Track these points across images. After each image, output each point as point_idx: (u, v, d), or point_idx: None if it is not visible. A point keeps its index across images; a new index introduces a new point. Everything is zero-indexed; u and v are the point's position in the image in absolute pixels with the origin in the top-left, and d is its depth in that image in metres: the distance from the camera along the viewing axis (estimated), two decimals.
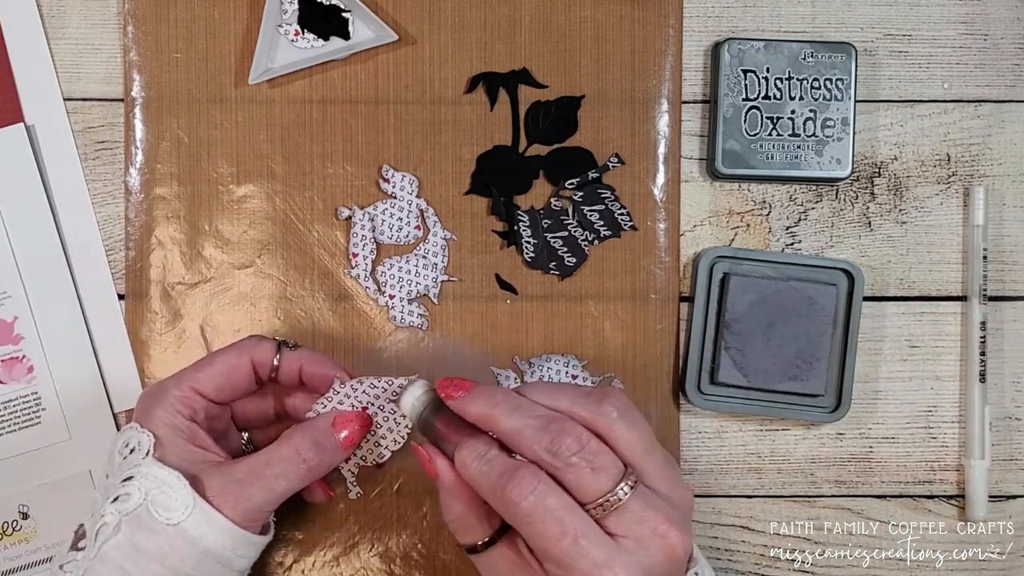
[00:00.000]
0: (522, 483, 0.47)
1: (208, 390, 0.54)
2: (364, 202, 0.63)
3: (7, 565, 0.62)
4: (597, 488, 0.47)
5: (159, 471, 0.51)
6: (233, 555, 0.52)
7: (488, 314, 0.63)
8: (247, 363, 0.55)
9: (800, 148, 0.63)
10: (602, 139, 0.64)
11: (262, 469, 0.52)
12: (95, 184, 0.63)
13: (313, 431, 0.54)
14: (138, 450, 0.52)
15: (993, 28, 0.65)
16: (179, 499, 0.50)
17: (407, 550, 0.63)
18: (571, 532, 0.47)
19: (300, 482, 0.53)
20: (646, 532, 0.48)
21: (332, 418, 0.55)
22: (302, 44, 0.63)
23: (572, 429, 0.48)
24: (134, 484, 0.51)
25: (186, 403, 0.53)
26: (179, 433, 0.53)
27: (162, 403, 0.53)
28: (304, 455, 0.53)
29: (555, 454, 0.47)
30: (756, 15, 0.65)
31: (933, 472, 0.65)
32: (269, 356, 0.56)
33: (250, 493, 0.52)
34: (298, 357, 0.56)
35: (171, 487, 0.51)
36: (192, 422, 0.53)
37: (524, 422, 0.49)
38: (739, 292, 0.62)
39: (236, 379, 0.55)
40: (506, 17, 0.64)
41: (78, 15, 0.63)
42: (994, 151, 0.65)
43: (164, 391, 0.54)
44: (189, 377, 0.54)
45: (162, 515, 0.50)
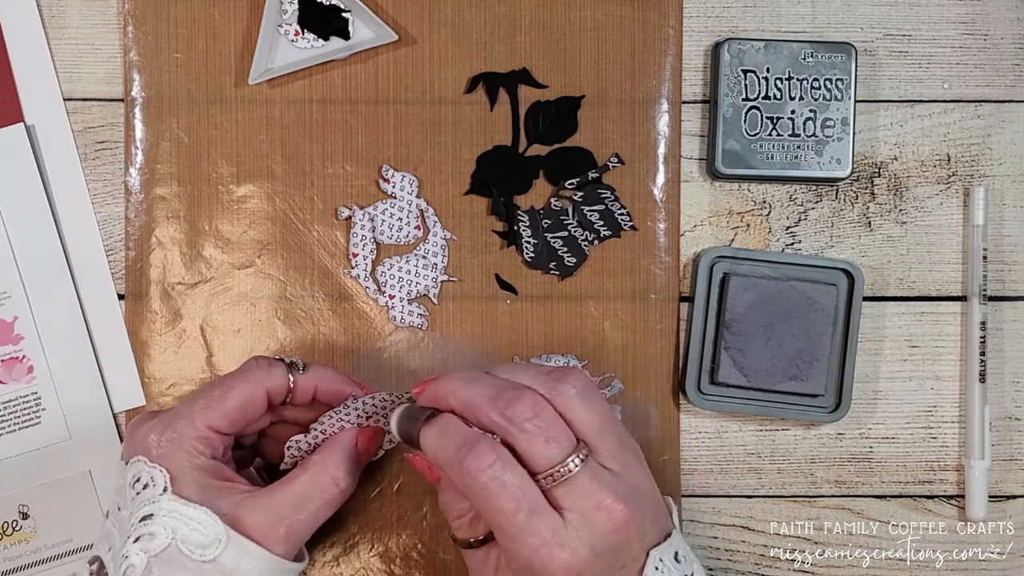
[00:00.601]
0: (480, 456, 0.48)
1: (224, 427, 0.53)
2: (364, 202, 0.63)
3: (7, 565, 0.62)
4: (548, 458, 0.48)
5: (184, 508, 0.50)
6: None
7: (488, 314, 0.63)
8: (262, 394, 0.54)
9: (800, 148, 0.63)
10: (602, 139, 0.64)
11: (303, 503, 0.52)
12: (95, 184, 0.63)
13: (344, 456, 0.54)
14: (152, 486, 0.51)
15: (993, 28, 0.65)
16: (211, 534, 0.50)
17: (407, 550, 0.63)
18: (525, 507, 0.47)
19: (336, 507, 0.54)
20: (591, 506, 0.48)
21: (355, 437, 0.55)
22: (302, 44, 0.63)
23: (527, 396, 0.49)
24: (157, 523, 0.50)
25: (206, 443, 0.52)
26: (204, 472, 0.52)
27: (180, 446, 0.52)
28: (340, 484, 0.53)
29: (510, 419, 0.48)
30: (756, 15, 0.65)
31: (933, 472, 0.65)
32: (283, 383, 0.55)
33: (296, 527, 0.52)
34: (313, 379, 0.56)
35: (200, 523, 0.50)
36: (215, 460, 0.53)
37: (480, 390, 0.49)
38: (739, 292, 0.62)
39: (251, 412, 0.54)
40: (506, 17, 0.64)
41: (78, 15, 0.63)
42: (994, 151, 0.65)
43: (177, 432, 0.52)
44: (203, 415, 0.53)
45: (195, 553, 0.50)
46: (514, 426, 0.48)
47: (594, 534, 0.48)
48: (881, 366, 0.64)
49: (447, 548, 0.63)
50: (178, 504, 0.50)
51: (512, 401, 0.48)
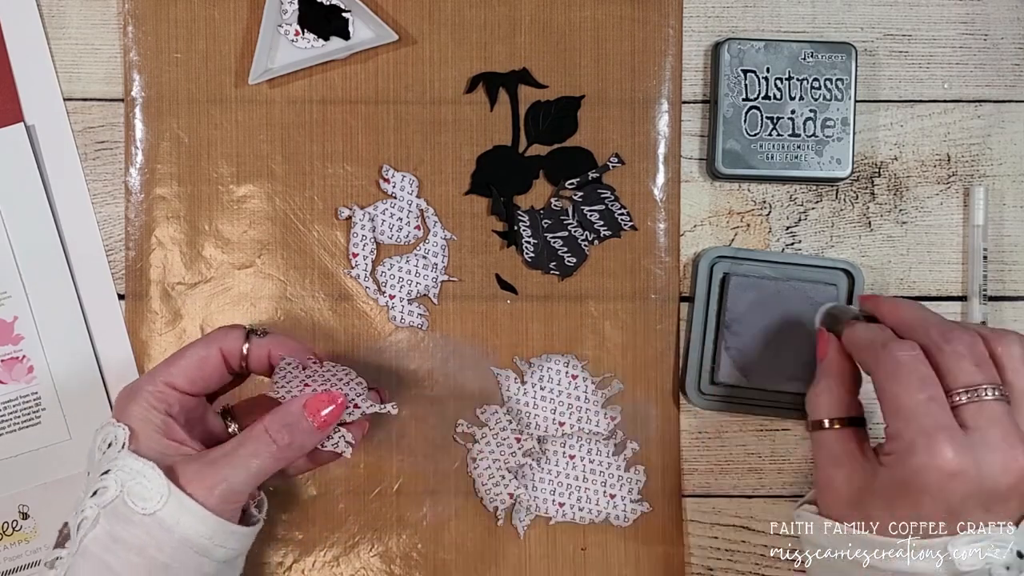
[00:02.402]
0: (906, 346, 0.50)
1: (181, 383, 0.54)
2: (364, 202, 0.63)
3: (7, 565, 0.62)
4: (968, 378, 0.49)
5: (134, 462, 0.51)
6: (211, 544, 0.52)
7: (488, 314, 0.63)
8: (216, 353, 0.55)
9: (800, 148, 0.63)
10: (602, 139, 0.64)
11: (234, 450, 0.53)
12: (95, 184, 0.63)
13: (283, 413, 0.54)
14: (115, 444, 0.52)
15: (993, 28, 0.65)
16: (154, 488, 0.51)
17: (407, 550, 0.63)
18: (927, 392, 0.48)
19: (274, 463, 0.53)
20: (997, 434, 0.48)
21: (304, 400, 0.54)
22: (302, 44, 0.63)
23: (970, 333, 0.50)
24: (111, 477, 0.51)
25: (160, 398, 0.54)
26: (154, 427, 0.53)
27: (137, 399, 0.53)
28: (275, 435, 0.53)
29: (946, 339, 0.50)
30: (756, 15, 0.65)
31: None
32: (238, 345, 0.55)
33: (224, 474, 0.52)
34: (266, 344, 0.56)
35: (146, 477, 0.51)
36: (167, 416, 0.54)
37: (927, 315, 0.52)
38: (739, 292, 0.62)
39: (207, 370, 0.55)
40: (506, 17, 0.64)
41: (78, 15, 0.63)
42: (994, 151, 0.65)
43: (138, 388, 0.54)
44: (162, 372, 0.54)
45: (138, 505, 0.50)
46: (948, 344, 0.49)
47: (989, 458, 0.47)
48: None
49: (447, 548, 0.63)
50: (131, 459, 0.51)
51: (955, 330, 0.50)
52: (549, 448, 0.63)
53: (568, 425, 0.63)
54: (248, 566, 0.59)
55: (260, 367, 0.56)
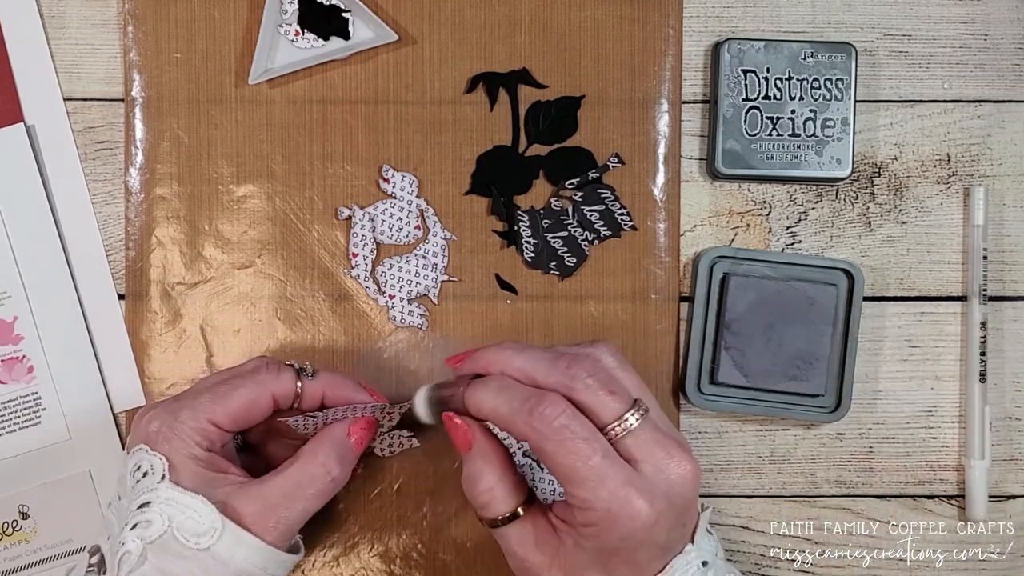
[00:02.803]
0: (552, 404, 0.48)
1: (225, 423, 0.53)
2: (364, 202, 0.63)
3: (7, 565, 0.62)
4: (613, 411, 0.49)
5: (180, 496, 0.50)
6: (264, 574, 0.52)
7: (488, 314, 0.63)
8: (268, 397, 0.54)
9: (800, 148, 0.63)
10: (602, 139, 0.64)
11: (295, 491, 0.52)
12: (95, 184, 0.63)
13: (337, 446, 0.54)
14: (151, 474, 0.51)
15: (993, 28, 0.65)
16: (207, 523, 0.50)
17: (407, 550, 0.63)
18: (599, 450, 0.48)
19: (328, 497, 0.54)
20: (662, 455, 0.49)
21: (347, 428, 0.55)
22: (302, 44, 0.63)
23: (586, 357, 0.50)
24: (154, 511, 0.50)
25: (204, 435, 0.53)
26: (198, 462, 0.52)
27: (178, 434, 0.52)
28: (332, 473, 0.53)
29: (572, 376, 0.49)
30: (756, 15, 0.65)
31: (933, 472, 0.65)
32: (291, 388, 0.55)
33: (286, 515, 0.52)
34: (320, 385, 0.56)
35: (196, 511, 0.50)
36: (210, 452, 0.53)
37: (536, 355, 0.50)
38: (739, 292, 0.62)
39: (254, 413, 0.54)
40: (506, 17, 0.64)
41: (78, 15, 0.63)
42: (994, 151, 0.65)
43: (176, 420, 0.52)
44: (205, 409, 0.53)
45: (191, 541, 0.50)
46: (577, 381, 0.49)
47: (669, 482, 0.48)
48: (881, 366, 0.64)
49: (447, 548, 0.63)
50: (175, 492, 0.50)
51: (572, 361, 0.49)
52: None
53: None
54: None
55: (311, 407, 0.56)
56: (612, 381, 0.50)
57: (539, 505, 0.53)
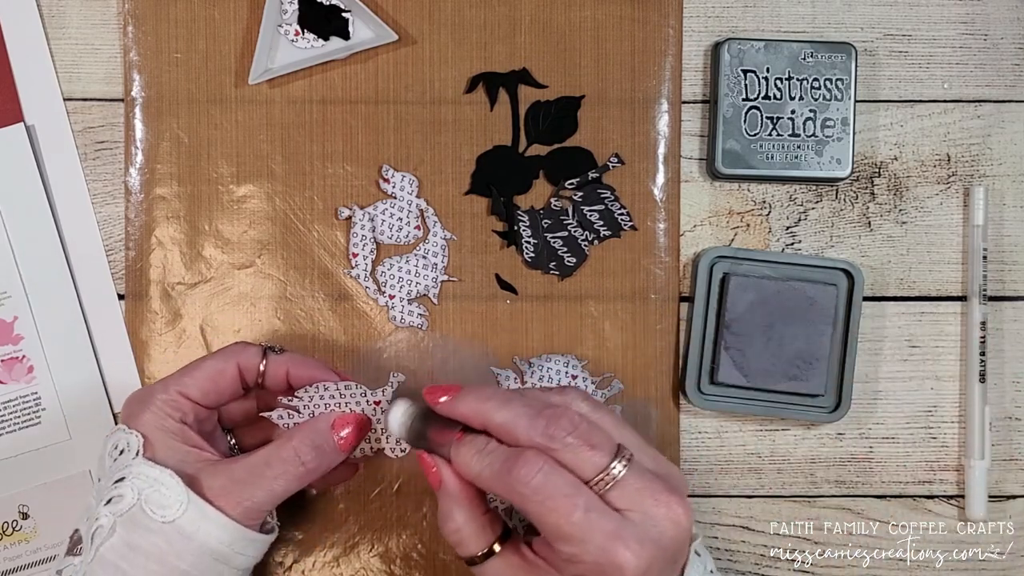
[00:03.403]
0: (528, 463, 0.48)
1: (194, 394, 0.54)
2: (364, 202, 0.63)
3: (7, 565, 0.62)
4: (595, 464, 0.48)
5: (150, 470, 0.51)
6: (231, 551, 0.52)
7: (488, 314, 0.63)
8: (233, 368, 0.55)
9: (800, 148, 0.63)
10: (602, 139, 0.64)
11: (262, 469, 0.53)
12: (95, 184, 0.63)
13: (312, 434, 0.54)
14: (127, 451, 0.52)
15: (993, 28, 0.65)
16: (173, 496, 0.51)
17: (407, 550, 0.63)
18: (581, 505, 0.47)
19: (299, 483, 0.53)
20: (649, 502, 0.48)
21: (331, 419, 0.55)
22: (302, 44, 0.63)
23: (565, 412, 0.49)
24: (126, 485, 0.51)
25: (174, 406, 0.54)
26: (170, 435, 0.53)
27: (150, 407, 0.53)
28: (303, 458, 0.53)
29: (551, 436, 0.48)
30: (756, 15, 0.65)
31: (933, 472, 0.65)
32: (255, 361, 0.56)
33: (250, 492, 0.52)
34: (284, 361, 0.56)
35: (164, 485, 0.51)
36: (182, 424, 0.54)
37: (517, 411, 0.49)
38: (739, 292, 0.62)
39: (222, 384, 0.55)
40: (506, 17, 0.64)
41: (78, 15, 0.63)
42: (994, 151, 0.65)
43: (151, 395, 0.54)
44: (175, 381, 0.54)
45: (157, 513, 0.50)
46: (556, 441, 0.48)
47: (658, 530, 0.48)
48: (881, 366, 0.64)
49: (447, 548, 0.62)
50: (146, 467, 0.51)
51: (552, 418, 0.49)
52: None
53: None
54: None
55: (276, 385, 0.56)
56: (592, 433, 0.49)
57: (515, 541, 0.52)
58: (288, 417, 0.56)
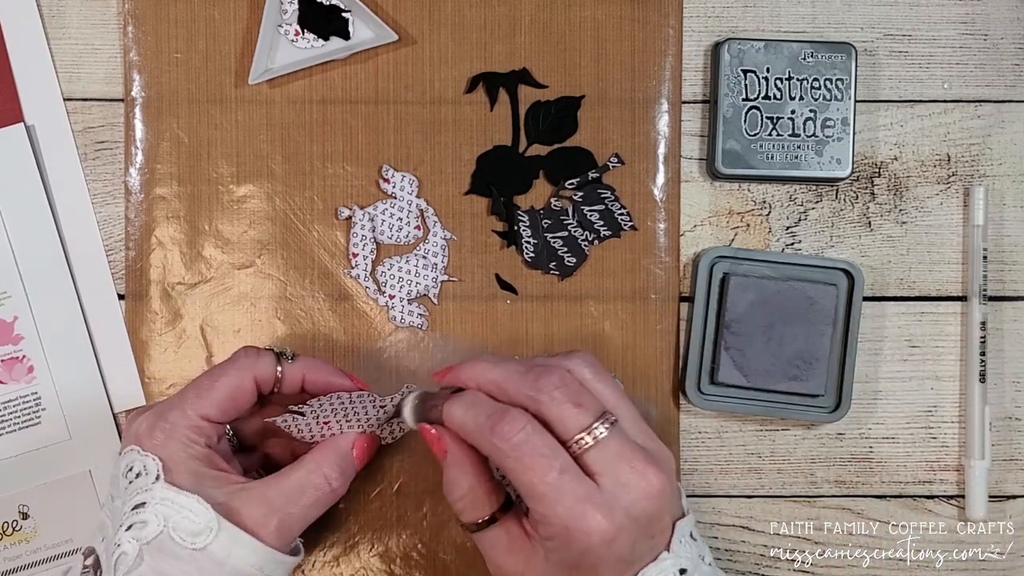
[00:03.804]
0: (513, 420, 0.49)
1: (215, 416, 0.53)
2: (364, 202, 0.63)
3: (7, 565, 0.62)
4: (578, 422, 0.49)
5: (176, 496, 0.50)
6: (260, 574, 0.52)
7: (488, 314, 0.63)
8: (250, 382, 0.55)
9: (800, 148, 0.63)
10: (602, 139, 0.64)
11: (297, 497, 0.53)
12: (95, 184, 0.63)
13: (339, 459, 0.55)
14: (145, 475, 0.51)
15: (993, 28, 0.65)
16: (202, 523, 0.50)
17: (407, 550, 0.63)
18: (557, 467, 0.48)
19: (328, 506, 0.55)
20: (624, 469, 0.49)
21: (352, 442, 0.55)
22: (302, 44, 0.63)
23: (556, 369, 0.50)
24: (149, 511, 0.50)
25: (198, 431, 0.53)
26: (199, 462, 0.52)
27: (173, 435, 0.52)
28: (333, 484, 0.54)
29: (539, 389, 0.49)
30: (756, 15, 0.65)
31: (933, 472, 0.65)
32: (271, 371, 0.55)
33: (288, 521, 0.52)
34: (300, 367, 0.56)
35: (192, 511, 0.50)
36: (208, 448, 0.53)
37: (509, 368, 0.51)
38: (739, 292, 0.62)
39: (241, 400, 0.54)
40: (506, 17, 0.64)
41: (78, 15, 0.63)
42: (994, 151, 0.65)
43: (168, 421, 0.53)
44: (194, 404, 0.53)
45: (187, 541, 0.50)
46: (543, 394, 0.49)
47: (630, 498, 0.48)
48: (881, 366, 0.64)
49: (447, 548, 0.63)
50: (170, 492, 0.50)
51: (541, 373, 0.50)
52: None
53: None
54: None
55: (293, 391, 0.56)
56: (581, 393, 0.50)
57: (516, 512, 0.53)
58: (292, 421, 0.56)
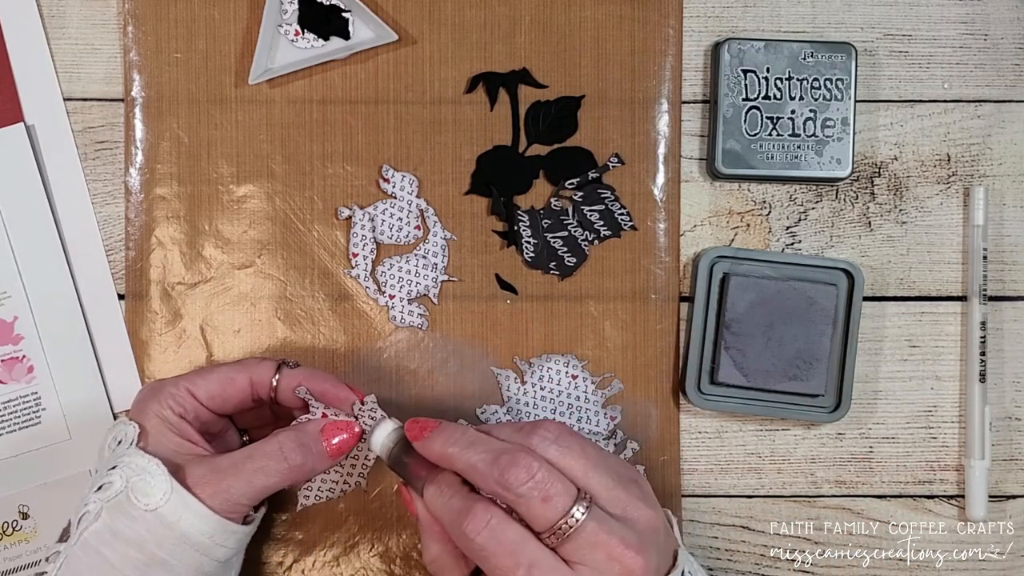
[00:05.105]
0: (476, 518, 0.48)
1: (201, 394, 0.55)
2: (364, 202, 0.63)
3: (7, 565, 0.62)
4: (547, 517, 0.48)
5: (140, 459, 0.52)
6: (211, 543, 0.52)
7: (488, 314, 0.63)
8: (244, 379, 0.56)
9: (800, 148, 0.63)
10: (602, 139, 0.64)
11: (244, 463, 0.53)
12: (95, 184, 0.63)
13: (300, 433, 0.54)
14: (124, 441, 0.53)
15: (993, 28, 0.65)
16: (158, 485, 0.51)
17: (407, 550, 0.63)
18: (524, 563, 0.47)
19: (281, 481, 0.53)
20: (601, 557, 0.48)
21: (322, 424, 0.55)
22: (302, 44, 0.63)
23: (522, 459, 0.48)
24: (116, 473, 0.52)
25: (179, 400, 0.55)
26: (168, 426, 0.54)
27: (156, 397, 0.55)
28: (287, 454, 0.53)
29: (505, 486, 0.48)
30: (756, 15, 0.65)
31: (933, 472, 0.65)
32: (268, 375, 0.56)
33: (228, 484, 0.52)
34: (298, 375, 0.56)
35: (150, 474, 0.51)
36: (181, 418, 0.55)
37: (477, 457, 0.49)
38: (739, 292, 0.62)
39: (230, 391, 0.55)
40: (506, 17, 0.64)
41: (78, 15, 0.63)
42: (994, 151, 0.65)
43: (160, 387, 0.55)
44: (187, 379, 0.56)
45: (141, 501, 0.51)
46: (510, 492, 0.48)
47: None
48: (881, 366, 0.64)
49: None
50: (137, 456, 0.52)
51: (507, 467, 0.48)
52: None
53: (568, 425, 0.63)
54: (248, 566, 0.59)
55: (290, 400, 0.56)
56: (548, 484, 0.48)
57: None
58: None
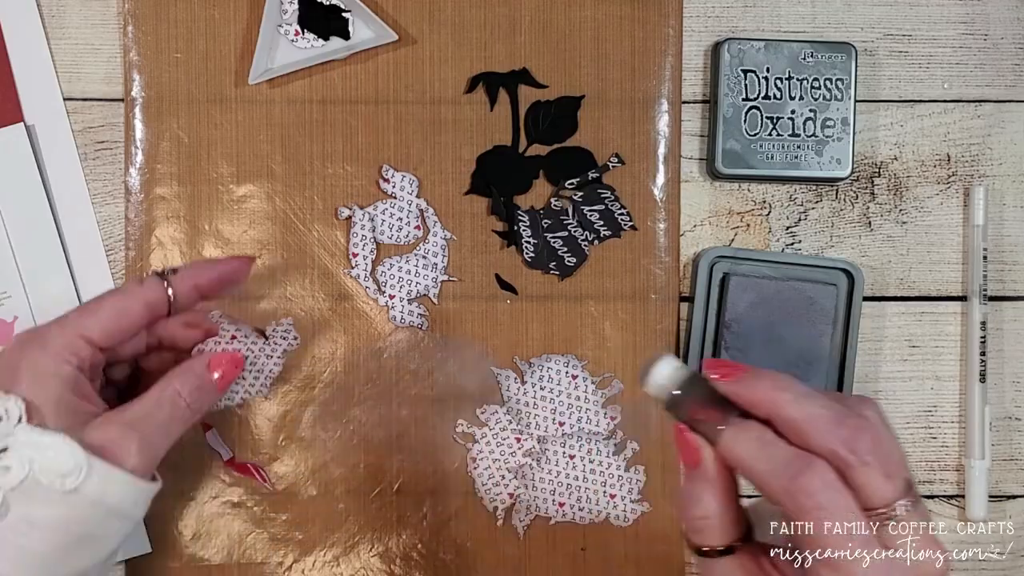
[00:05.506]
0: (819, 475, 0.43)
1: (97, 336, 0.50)
2: (364, 202, 0.63)
3: None
4: (883, 496, 0.44)
5: (39, 437, 0.47)
6: (135, 508, 0.49)
7: (488, 314, 0.63)
8: (138, 304, 0.52)
9: (800, 148, 0.63)
10: (602, 139, 0.64)
11: (155, 413, 0.50)
12: (95, 184, 0.63)
13: (191, 375, 0.52)
14: (6, 418, 0.47)
15: (993, 28, 0.65)
16: (71, 462, 0.46)
17: (407, 550, 0.63)
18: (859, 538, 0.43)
19: (187, 424, 0.52)
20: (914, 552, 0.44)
21: (207, 360, 0.53)
22: (302, 44, 0.63)
23: (871, 427, 0.44)
24: (12, 456, 0.46)
25: (74, 352, 0.49)
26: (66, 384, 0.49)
27: (44, 351, 0.49)
28: (187, 398, 0.51)
29: (852, 450, 0.43)
30: (756, 15, 0.65)
31: (933, 472, 0.65)
32: (159, 291, 0.53)
33: (149, 439, 0.49)
34: (187, 278, 0.53)
35: (58, 450, 0.46)
36: (78, 371, 0.49)
37: (817, 411, 0.44)
38: (739, 292, 0.62)
39: (125, 322, 0.51)
40: (506, 17, 0.64)
41: (78, 15, 0.63)
42: (994, 151, 0.65)
43: (45, 339, 0.49)
44: (75, 323, 0.50)
45: (56, 483, 0.46)
46: (855, 456, 0.43)
47: None
48: (881, 366, 0.64)
49: (447, 548, 0.63)
50: (34, 434, 0.47)
51: (856, 430, 0.43)
52: (549, 448, 0.63)
53: (568, 425, 0.63)
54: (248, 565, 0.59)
55: (191, 302, 0.54)
56: (890, 460, 0.44)
57: (755, 546, 0.47)
58: None
